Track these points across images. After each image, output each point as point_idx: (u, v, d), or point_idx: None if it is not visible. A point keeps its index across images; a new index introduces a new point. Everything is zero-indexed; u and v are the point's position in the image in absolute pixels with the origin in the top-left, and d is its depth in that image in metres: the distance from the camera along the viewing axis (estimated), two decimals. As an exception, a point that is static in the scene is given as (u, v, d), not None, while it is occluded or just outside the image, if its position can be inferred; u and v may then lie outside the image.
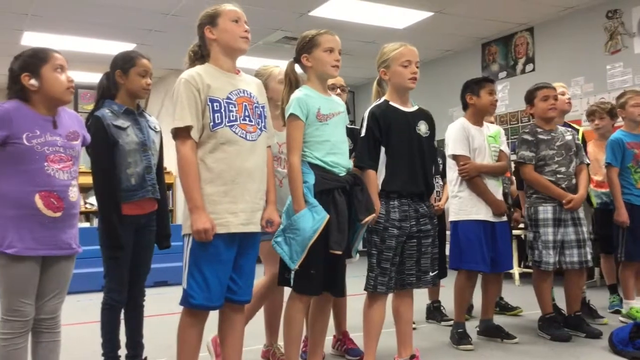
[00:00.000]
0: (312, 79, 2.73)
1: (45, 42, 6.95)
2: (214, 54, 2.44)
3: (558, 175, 3.68)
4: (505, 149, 3.71)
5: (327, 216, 2.53)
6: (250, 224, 2.39)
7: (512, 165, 4.02)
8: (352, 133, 3.46)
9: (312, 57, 2.69)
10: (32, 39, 7.12)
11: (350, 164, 2.76)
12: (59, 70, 2.33)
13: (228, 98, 2.37)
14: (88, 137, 2.54)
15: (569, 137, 3.79)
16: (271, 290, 3.03)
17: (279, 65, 3.26)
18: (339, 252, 2.56)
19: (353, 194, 2.66)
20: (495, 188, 3.59)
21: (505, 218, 3.63)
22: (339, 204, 2.59)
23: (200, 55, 2.50)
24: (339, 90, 3.40)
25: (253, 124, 2.41)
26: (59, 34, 7.10)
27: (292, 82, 2.77)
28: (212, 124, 2.32)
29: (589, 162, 4.06)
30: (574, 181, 3.74)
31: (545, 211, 3.66)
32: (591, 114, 4.66)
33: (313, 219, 2.51)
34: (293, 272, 2.55)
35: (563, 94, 4.13)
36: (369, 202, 2.69)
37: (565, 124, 4.13)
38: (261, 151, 2.45)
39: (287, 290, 2.74)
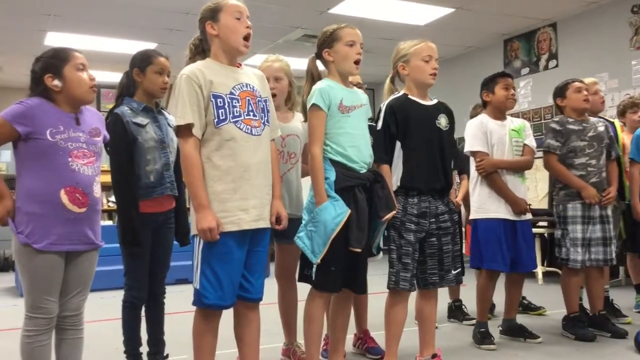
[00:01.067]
0: (334, 73, 2.71)
1: (68, 42, 7.04)
2: (215, 50, 2.41)
3: (589, 169, 3.60)
4: (531, 142, 3.61)
5: (349, 211, 2.50)
6: (260, 220, 2.37)
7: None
8: (370, 130, 3.44)
9: (333, 51, 2.67)
10: (55, 39, 7.21)
11: (372, 159, 2.73)
12: (80, 70, 2.35)
13: (231, 93, 2.34)
14: (108, 135, 2.56)
15: (601, 129, 3.71)
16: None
17: (281, 58, 3.21)
18: (359, 250, 2.54)
19: (373, 191, 2.64)
20: (517, 185, 3.52)
21: (527, 216, 3.57)
22: (359, 201, 2.57)
23: (201, 49, 2.48)
24: (355, 88, 3.37)
25: (257, 118, 2.38)
26: (81, 33, 7.18)
27: (314, 78, 2.75)
28: (216, 120, 2.29)
29: (620, 154, 3.97)
30: (604, 174, 3.67)
31: (575, 208, 3.60)
32: (635, 106, 4.47)
33: (335, 212, 2.48)
34: (315, 267, 2.53)
35: (596, 92, 4.04)
36: (389, 199, 2.66)
37: (601, 118, 4.04)
38: (266, 145, 2.43)
39: (302, 288, 2.72)
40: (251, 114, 2.37)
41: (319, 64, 2.77)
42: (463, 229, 3.84)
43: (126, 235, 2.76)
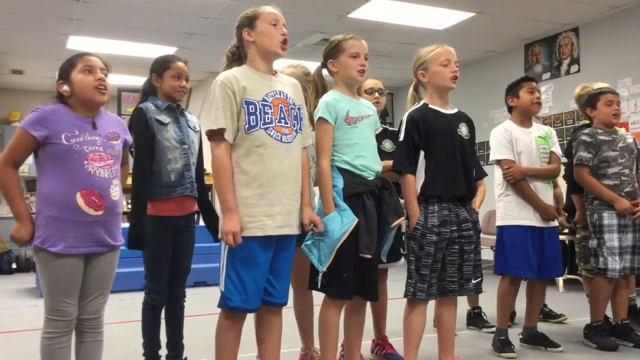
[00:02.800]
0: (339, 83, 2.74)
1: (90, 46, 7.14)
2: (251, 56, 2.44)
3: (622, 178, 3.56)
4: (557, 150, 3.58)
5: (356, 219, 2.52)
6: (286, 227, 2.38)
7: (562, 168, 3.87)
8: (392, 135, 3.42)
9: (337, 62, 2.69)
10: (77, 43, 7.29)
11: (379, 167, 2.73)
12: (86, 72, 2.36)
13: (264, 100, 2.37)
14: (130, 139, 2.57)
15: (629, 140, 3.68)
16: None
17: (295, 65, 3.19)
18: (369, 256, 2.55)
19: (382, 197, 2.65)
20: (545, 192, 3.48)
21: (554, 223, 3.52)
22: (367, 207, 2.58)
23: (238, 57, 2.51)
24: (376, 94, 3.36)
25: (289, 125, 2.40)
26: (102, 37, 7.25)
27: (319, 88, 2.78)
28: (247, 126, 2.32)
29: None
30: (636, 185, 3.62)
31: (611, 217, 3.55)
32: None
33: (342, 222, 2.51)
34: (320, 275, 2.55)
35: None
36: (397, 206, 2.68)
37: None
38: (297, 153, 2.44)
39: (318, 293, 2.73)
40: (282, 121, 2.38)
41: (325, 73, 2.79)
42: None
43: (133, 233, 2.73)
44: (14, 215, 2.29)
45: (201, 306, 3.21)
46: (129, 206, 2.84)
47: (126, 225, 2.68)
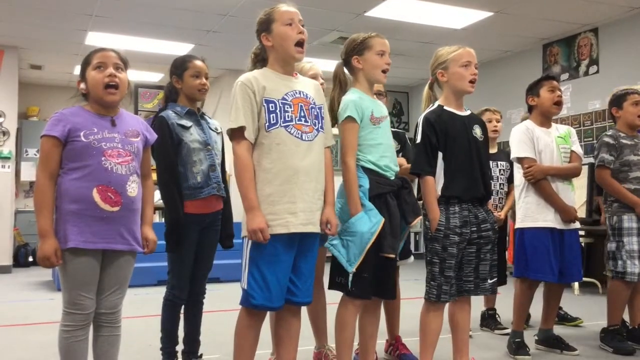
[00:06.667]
0: (361, 81, 2.74)
1: (108, 42, 7.17)
2: (272, 60, 2.47)
3: None
4: (578, 149, 3.54)
5: (383, 219, 2.53)
6: (309, 224, 2.38)
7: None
8: (397, 136, 3.42)
9: (363, 59, 2.69)
10: (95, 39, 7.35)
11: (398, 167, 2.75)
12: (98, 69, 2.37)
13: (283, 99, 2.39)
14: (151, 137, 2.56)
15: None
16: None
17: (311, 61, 3.22)
18: (393, 256, 2.55)
19: (401, 197, 2.66)
20: (566, 192, 3.44)
21: (576, 225, 3.47)
22: (391, 207, 2.59)
23: (261, 58, 2.54)
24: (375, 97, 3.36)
25: (309, 124, 2.42)
26: (121, 34, 7.30)
27: (341, 84, 2.78)
28: (267, 124, 2.34)
29: None
30: None
31: (630, 220, 3.52)
32: None
33: (370, 222, 2.51)
34: (351, 276, 2.54)
35: None
36: (415, 205, 2.70)
37: None
38: (318, 151, 2.45)
39: (329, 292, 2.72)
40: (303, 119, 2.40)
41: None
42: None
43: (172, 234, 2.81)
44: (38, 229, 2.29)
45: (214, 303, 3.23)
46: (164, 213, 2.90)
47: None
